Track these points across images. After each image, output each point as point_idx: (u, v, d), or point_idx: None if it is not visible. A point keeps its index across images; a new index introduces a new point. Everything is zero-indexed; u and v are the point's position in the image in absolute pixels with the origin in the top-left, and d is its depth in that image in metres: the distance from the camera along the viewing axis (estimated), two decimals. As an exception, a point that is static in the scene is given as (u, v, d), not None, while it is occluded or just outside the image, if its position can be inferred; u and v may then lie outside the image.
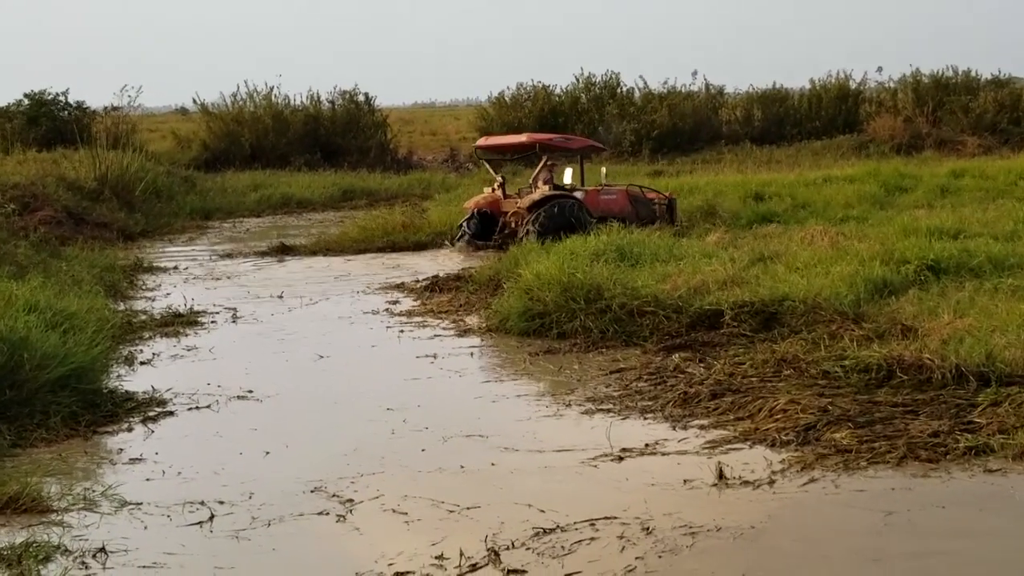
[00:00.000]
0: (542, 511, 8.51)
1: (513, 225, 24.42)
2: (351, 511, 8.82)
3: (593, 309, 14.67)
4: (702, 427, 10.61)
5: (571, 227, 22.71)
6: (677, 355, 13.19)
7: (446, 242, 25.53)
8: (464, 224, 25.14)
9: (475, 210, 25.15)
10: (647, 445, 10.16)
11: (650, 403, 11.49)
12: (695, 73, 58.80)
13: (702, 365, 12.61)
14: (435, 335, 15.46)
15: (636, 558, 7.65)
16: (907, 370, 11.33)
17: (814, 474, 9.20)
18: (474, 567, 7.58)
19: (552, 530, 8.15)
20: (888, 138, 43.58)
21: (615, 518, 8.33)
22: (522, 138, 27.04)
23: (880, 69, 63.93)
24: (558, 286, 15.07)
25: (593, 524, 8.22)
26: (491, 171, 27.01)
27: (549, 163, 25.03)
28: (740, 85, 61.76)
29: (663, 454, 9.90)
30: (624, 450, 10.03)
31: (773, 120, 49.13)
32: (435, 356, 14.17)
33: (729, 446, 10.00)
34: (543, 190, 24.31)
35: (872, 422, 10.24)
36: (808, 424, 10.24)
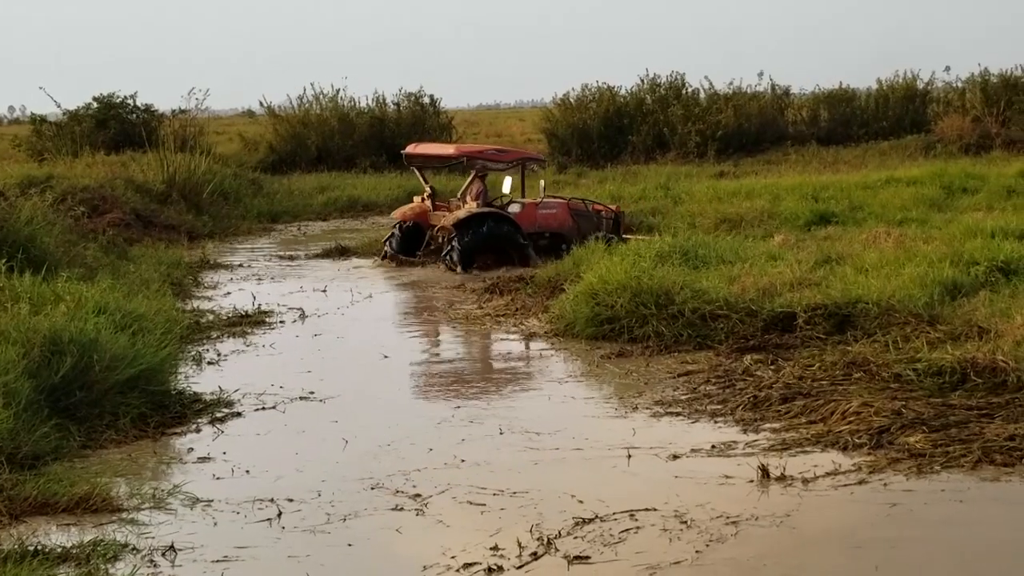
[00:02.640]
0: (602, 503, 8.52)
1: (440, 240, 22.77)
2: (418, 507, 8.90)
3: (665, 314, 14.49)
4: (774, 430, 10.52)
5: (499, 249, 21.93)
6: (748, 357, 13.07)
7: (384, 249, 23.76)
8: (390, 235, 23.73)
9: (401, 222, 23.57)
10: (713, 447, 10.11)
11: (719, 407, 11.42)
12: (761, 73, 58.75)
13: (771, 368, 12.49)
14: (500, 338, 15.38)
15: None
16: (981, 373, 11.16)
17: (884, 477, 9.10)
18: (535, 555, 7.78)
19: (602, 520, 8.28)
20: (956, 138, 43.02)
21: (666, 512, 8.31)
22: (450, 149, 25.11)
23: (948, 68, 63.59)
24: (627, 292, 14.87)
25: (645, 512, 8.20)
26: (421, 179, 24.76)
27: (480, 175, 23.11)
28: (806, 85, 61.24)
29: (731, 456, 9.81)
30: (694, 451, 9.97)
31: (840, 120, 48.64)
32: (502, 357, 14.14)
33: (800, 448, 9.90)
34: (470, 207, 22.48)
35: (947, 425, 10.11)
36: (881, 427, 10.12)
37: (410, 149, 25.12)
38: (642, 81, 49.51)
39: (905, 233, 19.46)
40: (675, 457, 9.86)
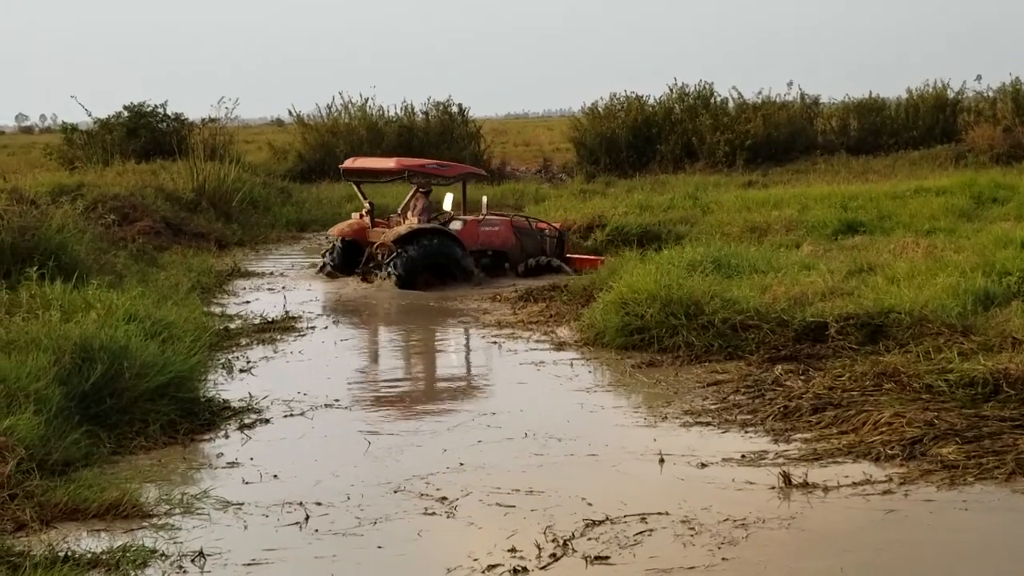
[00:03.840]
0: (615, 507, 8.47)
1: (379, 257, 21.85)
2: (447, 510, 8.98)
3: (695, 324, 14.44)
4: (805, 440, 10.47)
5: (441, 267, 21.25)
6: (779, 367, 12.99)
7: (323, 265, 23.10)
8: (327, 252, 23.08)
9: (340, 238, 22.76)
10: (744, 456, 10.07)
11: (749, 416, 11.37)
12: (790, 83, 58.18)
13: (802, 378, 12.42)
14: (530, 347, 15.36)
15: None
16: (1014, 384, 11.05)
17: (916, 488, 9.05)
18: (554, 556, 7.91)
19: (613, 522, 8.17)
20: (987, 148, 42.76)
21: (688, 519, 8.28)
22: (390, 163, 23.84)
23: (979, 78, 63.14)
24: (657, 302, 14.81)
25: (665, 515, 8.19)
26: (360, 195, 23.91)
27: (423, 191, 22.46)
28: (836, 95, 60.91)
29: (762, 465, 9.77)
30: (725, 460, 9.93)
31: (869, 130, 48.42)
32: (535, 365, 14.14)
33: (831, 459, 9.85)
34: (411, 222, 21.77)
35: (980, 437, 10.03)
36: (914, 438, 10.05)
37: (348, 163, 24.38)
38: (670, 90, 49.42)
39: (934, 243, 19.33)
40: (704, 465, 9.84)
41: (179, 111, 43.42)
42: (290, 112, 50.32)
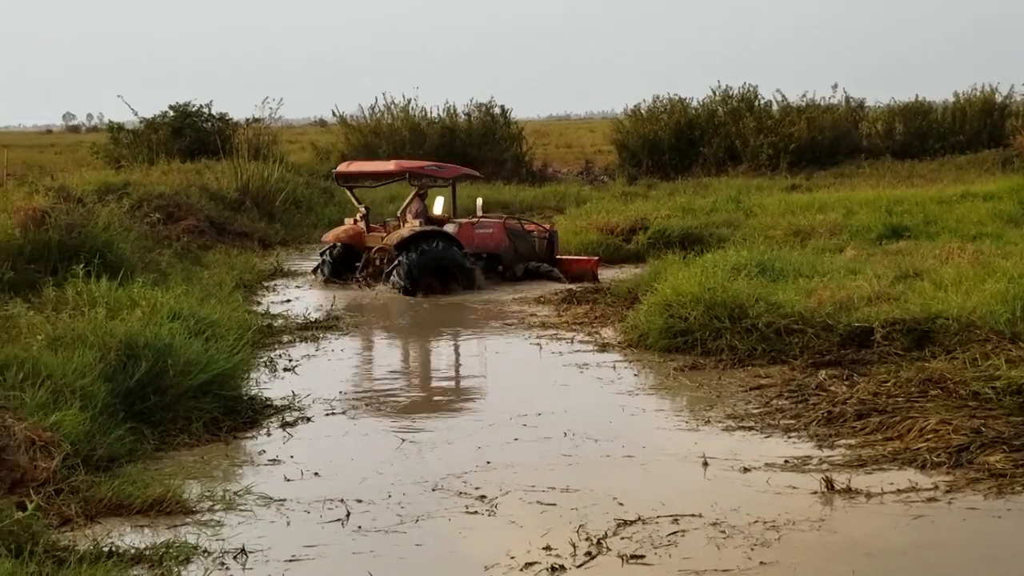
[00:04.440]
0: (662, 511, 8.47)
1: (378, 263, 21.51)
2: (487, 508, 9.00)
3: (739, 328, 14.37)
4: (849, 446, 10.38)
5: (444, 271, 20.81)
6: (823, 372, 12.91)
7: (317, 271, 22.62)
8: (322, 258, 22.43)
9: (335, 243, 22.30)
10: (787, 461, 9.99)
11: (793, 421, 11.29)
12: (835, 86, 58.12)
13: (845, 383, 12.32)
14: (575, 349, 15.33)
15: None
16: (1063, 392, 10.92)
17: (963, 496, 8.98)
18: (590, 555, 7.91)
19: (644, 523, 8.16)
20: (1035, 153, 42.50)
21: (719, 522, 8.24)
22: (389, 165, 23.56)
23: (1028, 82, 62.47)
24: (701, 305, 14.77)
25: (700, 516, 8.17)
26: (354, 200, 23.22)
27: (420, 193, 22.14)
28: (881, 98, 60.56)
29: (803, 471, 9.70)
30: (768, 465, 9.88)
31: (915, 134, 48.16)
32: (580, 367, 14.13)
33: (876, 466, 9.77)
34: (412, 225, 21.25)
35: (1028, 445, 9.90)
36: (961, 446, 9.93)
37: (342, 168, 23.97)
38: (714, 93, 49.41)
39: (980, 248, 19.16)
40: (747, 470, 9.78)
41: (224, 111, 43.67)
42: (333, 113, 50.52)
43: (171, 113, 42.84)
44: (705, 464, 9.94)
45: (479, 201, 23.15)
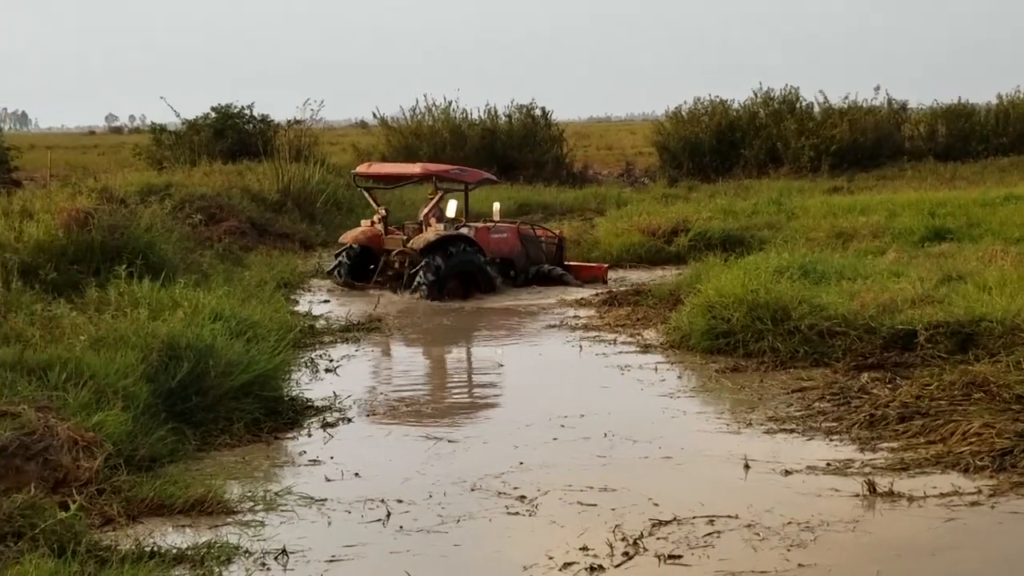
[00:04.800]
0: (699, 511, 8.44)
1: (397, 266, 21.00)
2: (528, 508, 9.06)
3: (781, 330, 14.33)
4: (891, 449, 10.33)
5: (467, 275, 20.57)
6: (866, 375, 12.83)
7: (334, 273, 21.94)
8: (339, 260, 21.80)
9: (352, 245, 21.71)
10: (829, 464, 9.96)
11: (834, 424, 11.25)
12: (877, 88, 57.74)
13: (888, 386, 12.25)
14: (617, 351, 15.30)
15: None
16: (1106, 396, 10.82)
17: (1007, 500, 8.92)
18: (627, 555, 7.96)
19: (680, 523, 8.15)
20: (1079, 154, 42.21)
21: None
22: (415, 168, 23.13)
23: (1073, 84, 62.03)
24: (743, 306, 14.75)
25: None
26: (372, 201, 22.65)
27: (440, 197, 21.77)
28: (924, 100, 60.32)
29: (846, 474, 9.65)
30: (809, 468, 9.84)
31: (958, 136, 47.85)
32: (621, 369, 14.12)
33: (919, 469, 9.71)
34: (437, 229, 20.74)
35: (1072, 449, 9.82)
36: (1004, 449, 9.85)
37: (362, 168, 23.71)
38: (755, 95, 49.17)
39: (1022, 251, 19.02)
40: (788, 472, 9.74)
41: (265, 113, 43.75)
42: (374, 114, 50.53)
43: (213, 115, 42.96)
44: (747, 467, 9.91)
45: (496, 205, 22.85)
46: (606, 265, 22.86)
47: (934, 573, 7.79)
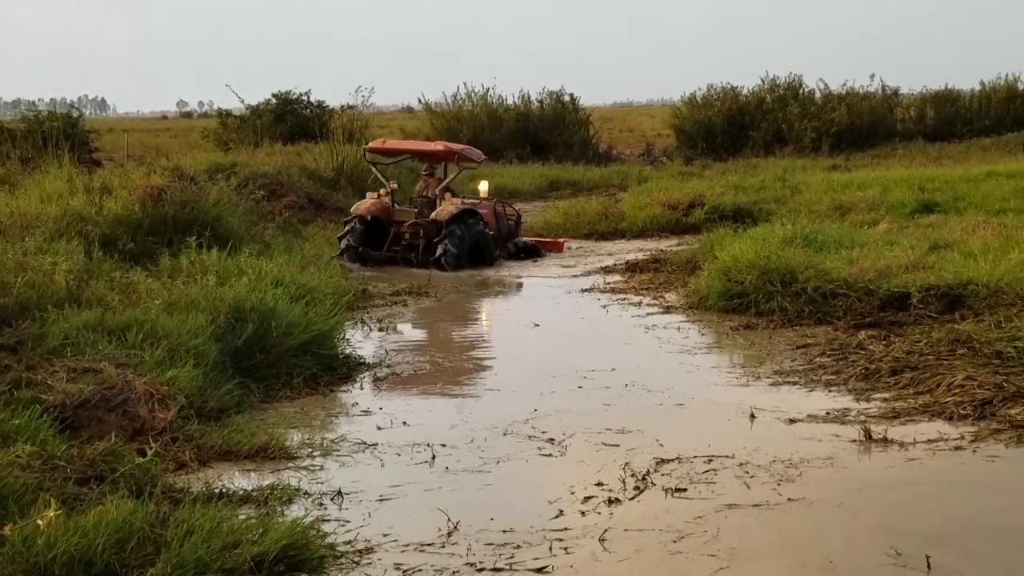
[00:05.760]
0: (702, 454, 8.44)
1: (408, 237, 20.17)
2: (552, 449, 9.15)
3: (789, 291, 14.37)
4: (884, 400, 10.30)
5: (477, 248, 20.04)
6: (863, 333, 12.81)
7: (345, 243, 20.59)
8: (349, 227, 20.59)
9: (363, 216, 20.53)
10: (828, 413, 9.92)
11: (833, 377, 11.21)
12: (872, 75, 57.34)
13: (883, 343, 12.21)
14: (645, 313, 15.25)
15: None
16: (1079, 350, 10.73)
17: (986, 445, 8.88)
18: (638, 489, 8.11)
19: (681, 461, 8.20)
20: (1055, 135, 41.79)
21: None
22: (437, 146, 22.46)
23: (1049, 70, 61.59)
24: (756, 270, 14.80)
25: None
26: (380, 176, 21.74)
27: (460, 171, 21.37)
28: (914, 86, 59.83)
29: (846, 422, 9.62)
30: (810, 416, 9.81)
31: (945, 119, 47.59)
32: (646, 328, 14.11)
33: (908, 417, 9.68)
34: (456, 203, 20.16)
35: (1047, 399, 9.76)
36: (984, 400, 9.83)
37: (376, 144, 22.68)
38: (762, 82, 49.04)
39: (1004, 222, 18.92)
40: (792, 421, 9.71)
41: (321, 99, 43.64)
42: (419, 100, 50.43)
43: (274, 101, 42.88)
44: (752, 416, 9.87)
45: (484, 184, 22.23)
46: (563, 240, 22.74)
47: (890, 503, 7.82)
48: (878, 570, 6.68)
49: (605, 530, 7.33)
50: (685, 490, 8.04)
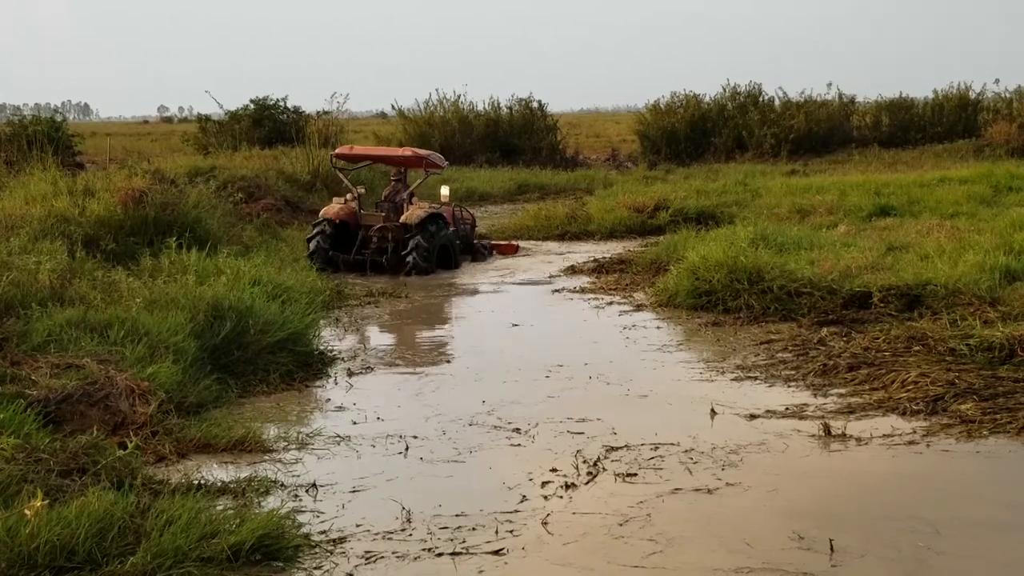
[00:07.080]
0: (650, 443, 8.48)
1: (376, 241, 19.72)
2: (519, 439, 9.20)
3: (756, 289, 14.44)
4: (840, 395, 10.34)
5: (444, 251, 19.81)
6: (825, 329, 12.90)
7: (310, 243, 19.96)
8: (318, 233, 19.80)
9: (332, 219, 19.89)
10: (787, 408, 9.95)
11: (793, 372, 11.26)
12: (830, 84, 57.76)
13: (843, 340, 12.28)
14: (617, 312, 15.22)
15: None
16: (1027, 349, 10.81)
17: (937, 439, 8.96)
18: (591, 474, 8.29)
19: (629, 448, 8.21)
20: (1004, 142, 41.88)
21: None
22: (406, 152, 22.42)
23: (997, 81, 62.14)
24: (724, 268, 14.86)
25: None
26: (347, 181, 21.41)
27: (427, 176, 21.22)
28: (870, 94, 60.16)
29: (805, 417, 9.65)
30: (769, 411, 9.84)
31: (899, 126, 47.76)
32: (622, 328, 14.09)
33: (863, 412, 9.72)
34: (423, 206, 19.92)
35: (995, 395, 9.85)
36: (937, 396, 9.88)
37: (343, 150, 22.53)
38: (724, 90, 49.12)
39: (956, 225, 19.04)
40: (753, 416, 9.73)
41: (298, 105, 43.54)
42: (392, 106, 50.37)
43: (252, 106, 42.74)
44: (713, 412, 9.88)
45: (445, 189, 21.86)
46: (516, 244, 22.63)
47: (823, 491, 7.93)
48: (785, 553, 6.78)
49: (548, 514, 7.49)
50: (636, 474, 8.24)
